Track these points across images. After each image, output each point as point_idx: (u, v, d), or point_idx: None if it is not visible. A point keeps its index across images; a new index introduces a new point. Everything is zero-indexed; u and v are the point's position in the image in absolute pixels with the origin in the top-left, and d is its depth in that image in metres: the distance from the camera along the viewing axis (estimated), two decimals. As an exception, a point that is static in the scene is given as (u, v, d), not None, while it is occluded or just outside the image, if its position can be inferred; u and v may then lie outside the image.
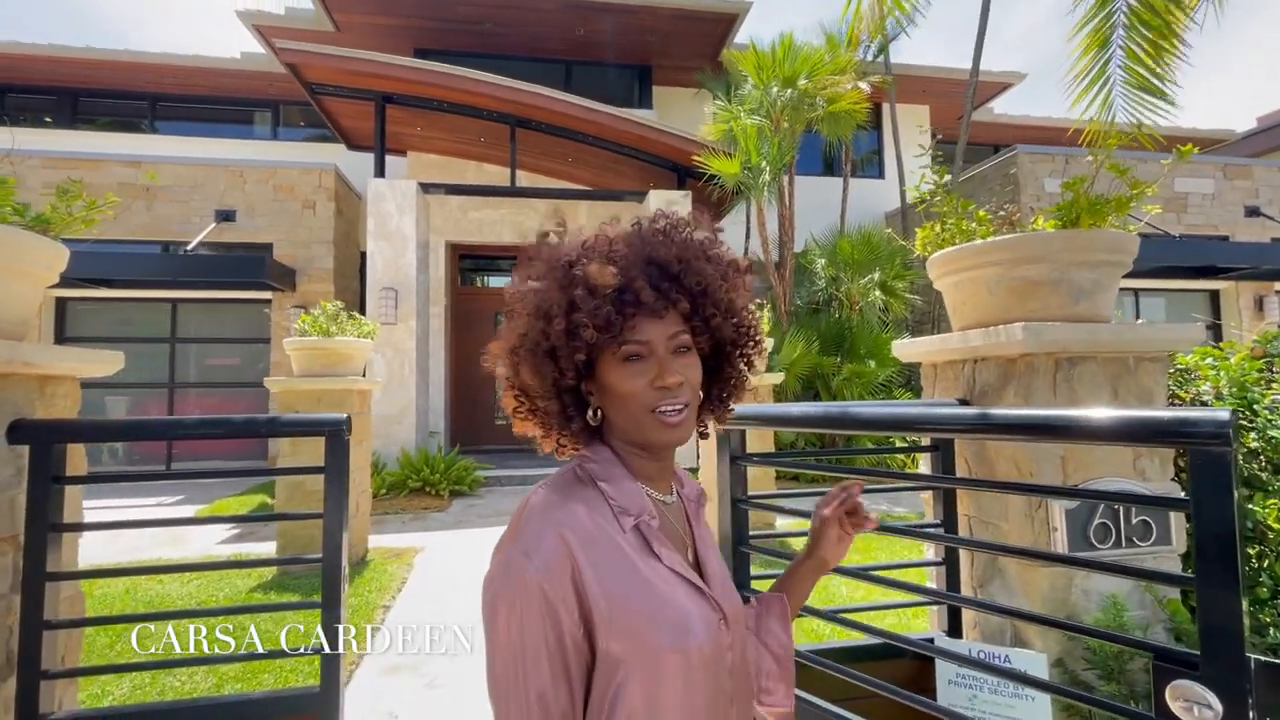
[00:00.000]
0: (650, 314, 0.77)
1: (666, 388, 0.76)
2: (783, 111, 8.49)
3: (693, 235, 0.83)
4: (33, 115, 12.17)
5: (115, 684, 2.61)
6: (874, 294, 9.21)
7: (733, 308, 0.83)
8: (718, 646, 0.75)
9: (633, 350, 0.77)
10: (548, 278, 0.80)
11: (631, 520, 0.75)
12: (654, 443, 0.79)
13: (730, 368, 0.88)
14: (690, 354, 0.80)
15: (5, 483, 1.64)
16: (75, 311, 9.29)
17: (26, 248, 1.67)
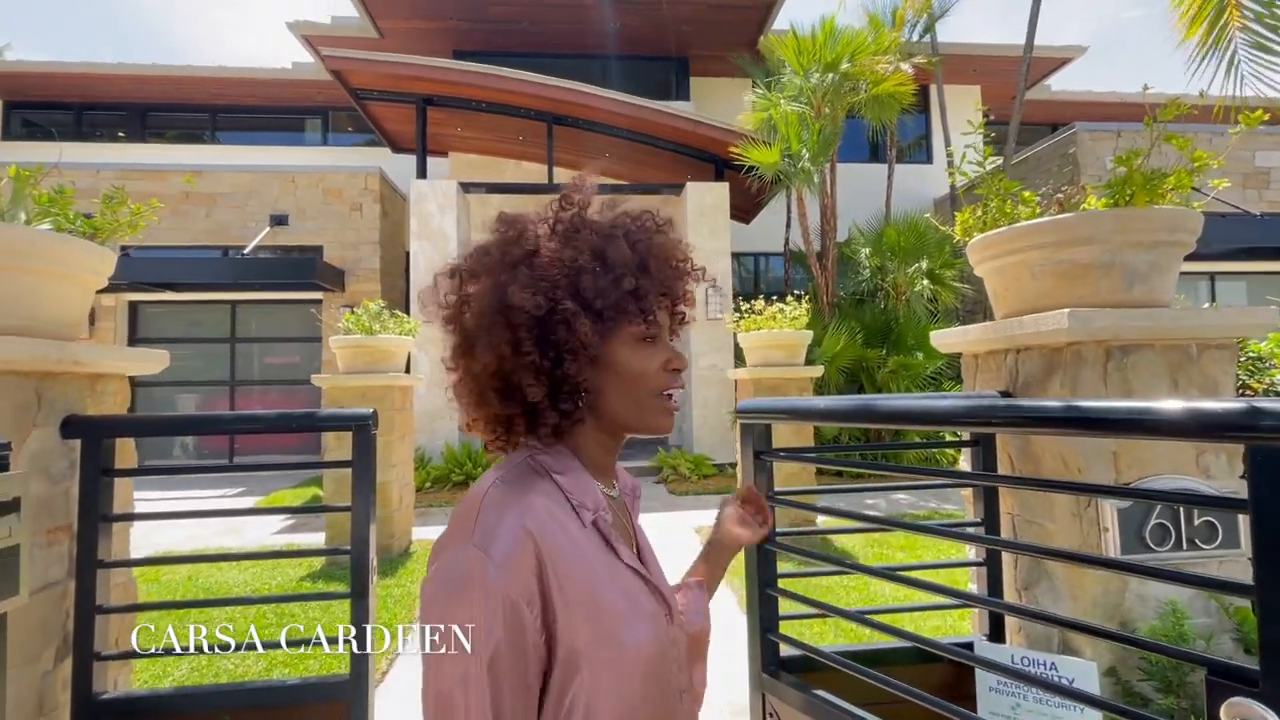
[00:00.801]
0: (680, 300, 0.81)
1: (678, 370, 0.77)
2: (824, 97, 8.26)
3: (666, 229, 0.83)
4: (109, 131, 12.98)
5: (174, 666, 2.76)
6: (921, 283, 8.89)
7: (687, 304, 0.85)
8: (668, 642, 0.73)
9: (649, 331, 0.75)
10: (556, 248, 0.73)
11: (590, 515, 0.71)
12: (651, 427, 0.76)
13: None
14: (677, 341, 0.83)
15: (59, 475, 1.74)
16: (146, 314, 9.87)
17: (76, 253, 1.76)
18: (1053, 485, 1.55)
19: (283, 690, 1.79)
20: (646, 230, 0.79)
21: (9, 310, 1.62)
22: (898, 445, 5.39)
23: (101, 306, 9.24)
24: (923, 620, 3.31)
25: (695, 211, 9.04)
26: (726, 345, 8.85)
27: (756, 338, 5.29)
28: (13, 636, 1.60)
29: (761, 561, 1.83)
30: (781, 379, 5.21)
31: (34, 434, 1.67)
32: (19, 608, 1.63)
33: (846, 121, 9.33)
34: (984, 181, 2.15)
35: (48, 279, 1.71)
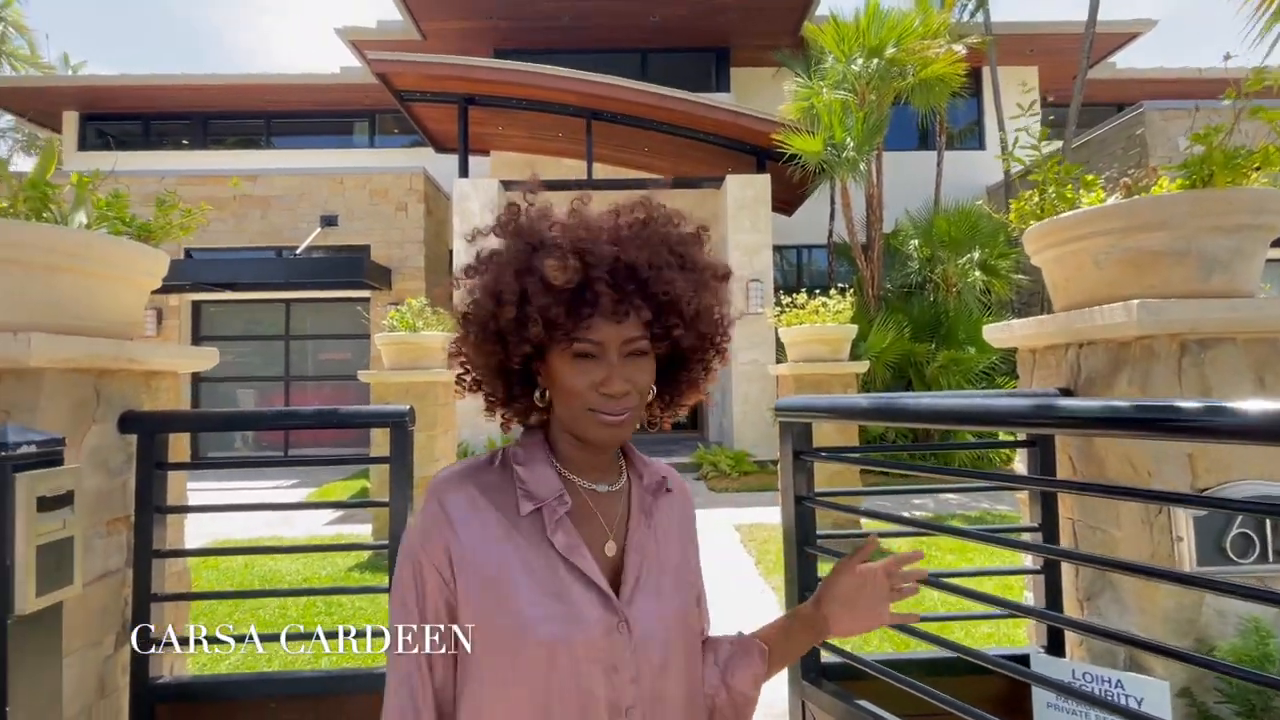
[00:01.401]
0: (609, 316, 0.73)
1: (610, 395, 0.73)
2: (868, 84, 8.00)
3: (672, 234, 0.79)
4: (174, 139, 13.67)
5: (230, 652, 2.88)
6: (974, 275, 8.53)
7: (700, 317, 0.79)
8: (600, 647, 0.71)
9: (584, 349, 0.74)
10: (505, 258, 0.77)
11: (531, 505, 0.74)
12: (589, 440, 0.77)
13: (686, 373, 0.85)
14: (645, 358, 0.77)
15: (117, 468, 1.82)
16: (207, 313, 10.36)
17: (130, 255, 1.83)
18: (1119, 492, 1.44)
19: (325, 680, 1.83)
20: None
21: (68, 310, 1.69)
22: (948, 445, 5.19)
23: (168, 306, 9.74)
24: (974, 627, 3.17)
25: (735, 204, 8.91)
26: (768, 340, 8.70)
27: (798, 332, 5.17)
28: (76, 622, 1.68)
29: (802, 565, 1.77)
30: (825, 375, 5.07)
31: (93, 429, 1.74)
32: (83, 595, 1.72)
33: (893, 108, 9.02)
34: (1042, 166, 2.02)
35: (104, 280, 1.78)
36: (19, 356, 1.50)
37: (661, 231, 0.78)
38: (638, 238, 0.76)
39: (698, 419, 11.36)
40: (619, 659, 0.72)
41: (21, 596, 1.10)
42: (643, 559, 0.78)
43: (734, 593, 4.05)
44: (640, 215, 0.79)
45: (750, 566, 4.61)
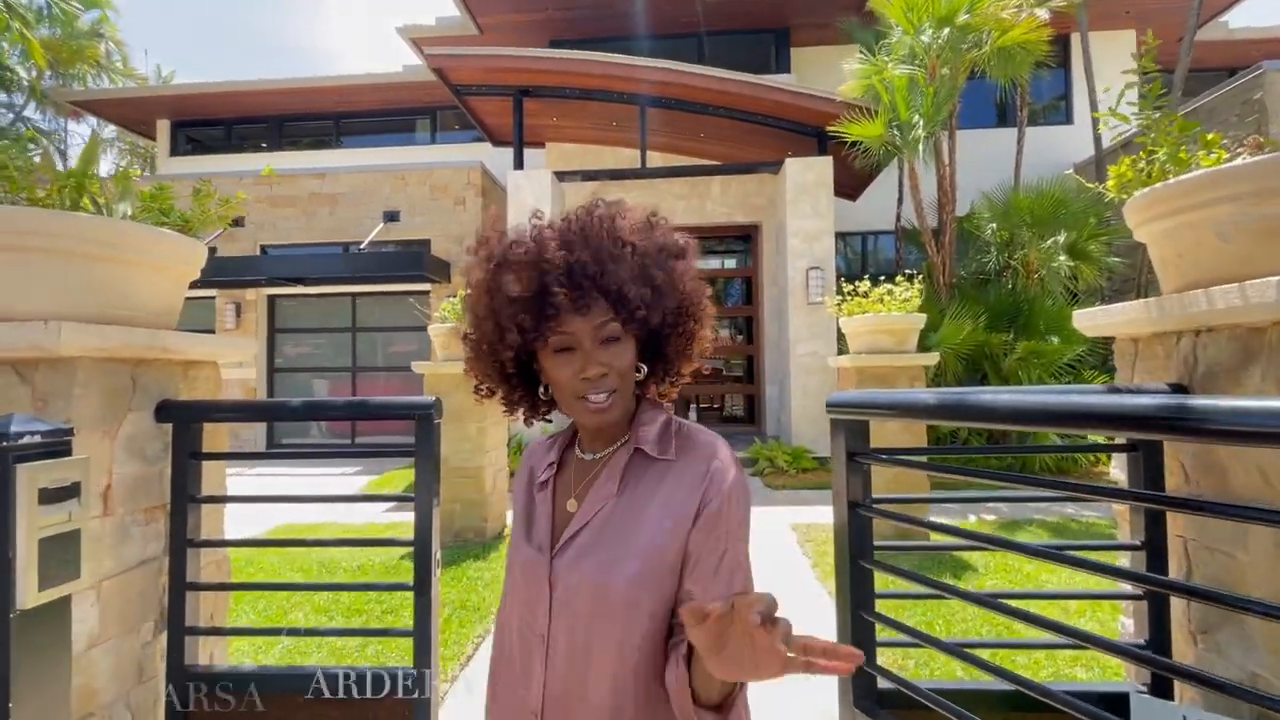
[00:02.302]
0: (574, 311, 0.83)
1: (588, 379, 0.84)
2: (938, 56, 7.46)
3: (617, 225, 0.87)
4: (253, 142, 14.44)
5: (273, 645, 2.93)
6: (1059, 259, 7.85)
7: (661, 294, 0.87)
8: (530, 579, 0.88)
9: (561, 343, 0.85)
10: (478, 280, 0.90)
11: (529, 465, 1.01)
12: (582, 425, 0.92)
13: (669, 347, 0.94)
14: (619, 342, 0.86)
15: (154, 457, 1.83)
16: (282, 307, 10.89)
17: (165, 244, 1.83)
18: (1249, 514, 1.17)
19: (353, 678, 1.78)
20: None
21: (103, 299, 1.69)
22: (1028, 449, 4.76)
23: (245, 300, 10.30)
24: (1057, 652, 2.85)
25: (795, 189, 8.55)
26: (828, 331, 8.33)
27: (861, 322, 4.86)
28: (114, 608, 1.70)
29: (855, 580, 1.58)
30: (890, 368, 4.75)
31: (129, 417, 1.75)
32: (120, 581, 1.74)
33: (968, 82, 8.41)
34: (1154, 125, 1.73)
35: (141, 269, 1.78)
36: (50, 345, 1.51)
37: (606, 227, 0.87)
38: (583, 238, 0.85)
39: (754, 412, 11.07)
40: (537, 594, 0.86)
41: (23, 591, 1.07)
42: (590, 517, 0.87)
43: (788, 596, 3.83)
44: (584, 217, 0.88)
45: (807, 569, 4.39)
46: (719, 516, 0.82)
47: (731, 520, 0.83)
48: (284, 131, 14.26)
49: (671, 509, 0.84)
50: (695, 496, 0.83)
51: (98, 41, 16.29)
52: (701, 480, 0.84)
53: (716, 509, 0.83)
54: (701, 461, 0.86)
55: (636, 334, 0.88)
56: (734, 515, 0.84)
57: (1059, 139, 11.11)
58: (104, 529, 1.67)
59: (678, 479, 0.86)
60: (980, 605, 1.26)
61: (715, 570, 0.81)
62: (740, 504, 0.85)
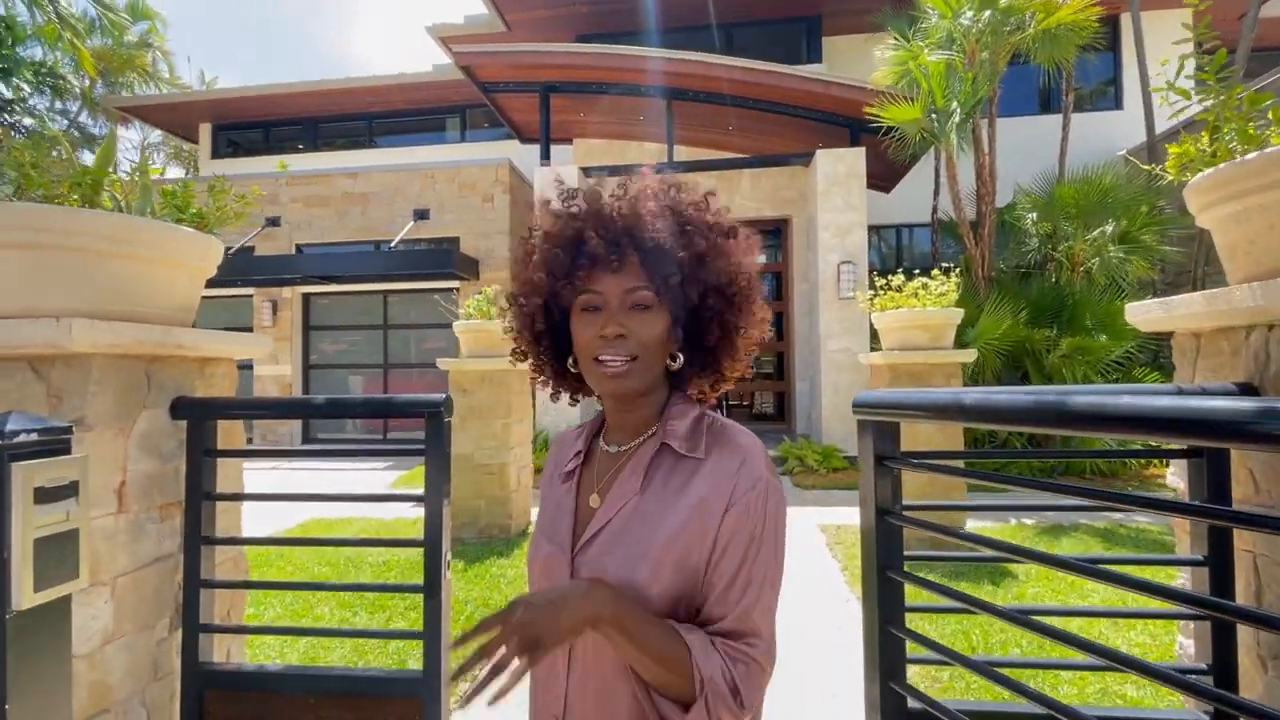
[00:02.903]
0: (605, 266, 0.81)
1: (604, 337, 0.80)
2: (978, 40, 7.16)
3: (669, 193, 0.86)
4: (291, 144, 14.77)
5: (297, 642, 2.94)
6: (1108, 250, 7.48)
7: (701, 266, 0.83)
8: (549, 577, 0.85)
9: (588, 300, 0.82)
10: (532, 226, 0.90)
11: (556, 459, 0.98)
12: (599, 390, 0.85)
13: (709, 335, 0.87)
14: (649, 312, 0.82)
15: (170, 454, 1.82)
16: (316, 305, 11.12)
17: (180, 241, 1.82)
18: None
19: (363, 681, 1.75)
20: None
21: (118, 296, 1.69)
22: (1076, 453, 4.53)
23: (281, 298, 10.54)
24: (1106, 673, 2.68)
25: (826, 181, 8.33)
26: (861, 326, 8.11)
27: (894, 317, 4.68)
28: (128, 605, 1.70)
29: (883, 591, 1.48)
30: (925, 365, 4.57)
31: (143, 414, 1.74)
32: (135, 579, 1.74)
33: (1008, 68, 8.06)
34: (1219, 100, 1.57)
35: (154, 266, 1.78)
36: (62, 341, 1.50)
37: (656, 191, 0.86)
38: (633, 199, 0.84)
39: (784, 410, 10.88)
40: (558, 577, 0.84)
41: (18, 592, 1.04)
42: (613, 514, 0.83)
43: (816, 601, 3.73)
44: (639, 181, 0.88)
45: (836, 572, 4.25)
46: (743, 523, 0.78)
47: (755, 528, 0.78)
48: (319, 133, 14.55)
49: (697, 509, 0.78)
50: (724, 497, 0.78)
51: (146, 51, 16.90)
52: (730, 481, 0.79)
53: (742, 513, 0.78)
54: (732, 461, 0.80)
55: (672, 311, 0.83)
56: (759, 524, 0.78)
57: (1107, 125, 10.60)
58: (118, 526, 1.67)
59: (705, 478, 0.80)
60: (1015, 624, 1.15)
61: (729, 583, 0.77)
62: (766, 512, 0.79)
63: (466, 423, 4.96)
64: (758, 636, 0.76)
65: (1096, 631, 3.10)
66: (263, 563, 4.25)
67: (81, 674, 1.57)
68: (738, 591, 0.76)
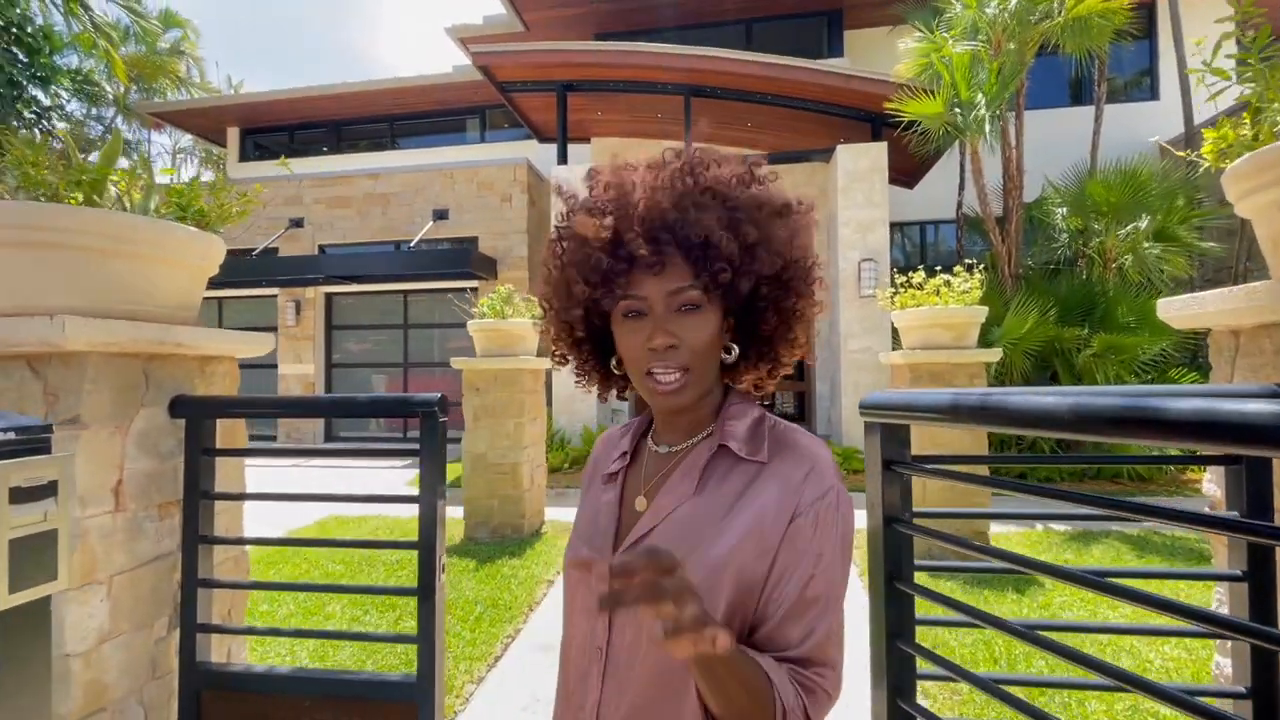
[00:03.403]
0: (646, 269, 0.73)
1: (654, 349, 0.73)
2: (1004, 30, 6.95)
3: (708, 176, 0.76)
4: (315, 146, 15.02)
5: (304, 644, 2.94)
6: (1142, 246, 7.20)
7: (752, 256, 0.74)
8: (590, 584, 0.79)
9: (630, 306, 0.75)
10: (557, 229, 0.82)
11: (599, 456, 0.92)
12: (653, 405, 0.79)
13: (765, 325, 0.79)
14: (699, 312, 0.74)
15: (169, 453, 1.82)
16: (338, 304, 11.27)
17: (179, 239, 1.81)
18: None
19: (358, 684, 1.73)
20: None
21: (117, 294, 1.69)
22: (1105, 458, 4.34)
23: (305, 298, 10.71)
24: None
25: (847, 177, 8.18)
26: (882, 326, 7.94)
27: (914, 316, 4.55)
28: (125, 604, 1.69)
29: (891, 604, 1.40)
30: (946, 364, 4.44)
31: (141, 413, 1.74)
32: (132, 577, 1.74)
33: (1037, 59, 7.82)
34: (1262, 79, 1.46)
35: (152, 264, 1.77)
36: (55, 339, 1.50)
37: (695, 175, 0.75)
38: (668, 186, 0.74)
39: (804, 410, 10.72)
40: (596, 585, 0.78)
41: (-8, 593, 1.02)
42: (661, 518, 0.77)
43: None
44: (672, 161, 0.78)
45: (854, 577, 4.14)
46: (811, 536, 0.71)
47: (824, 539, 0.71)
48: (342, 135, 14.76)
49: (759, 518, 0.72)
50: (788, 506, 0.71)
51: (177, 58, 17.34)
52: (797, 488, 0.72)
53: (810, 524, 0.71)
54: (798, 466, 0.73)
55: (724, 306, 0.76)
56: (829, 537, 0.71)
57: (1142, 116, 10.25)
58: (115, 524, 1.66)
59: (768, 484, 0.73)
60: (1022, 639, 1.07)
61: (797, 603, 0.70)
62: (837, 520, 0.72)
63: (480, 422, 4.96)
64: (829, 667, 0.70)
65: (1128, 644, 2.95)
66: (279, 561, 4.30)
67: (77, 672, 1.57)
68: (812, 615, 0.70)
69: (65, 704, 1.55)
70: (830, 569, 0.70)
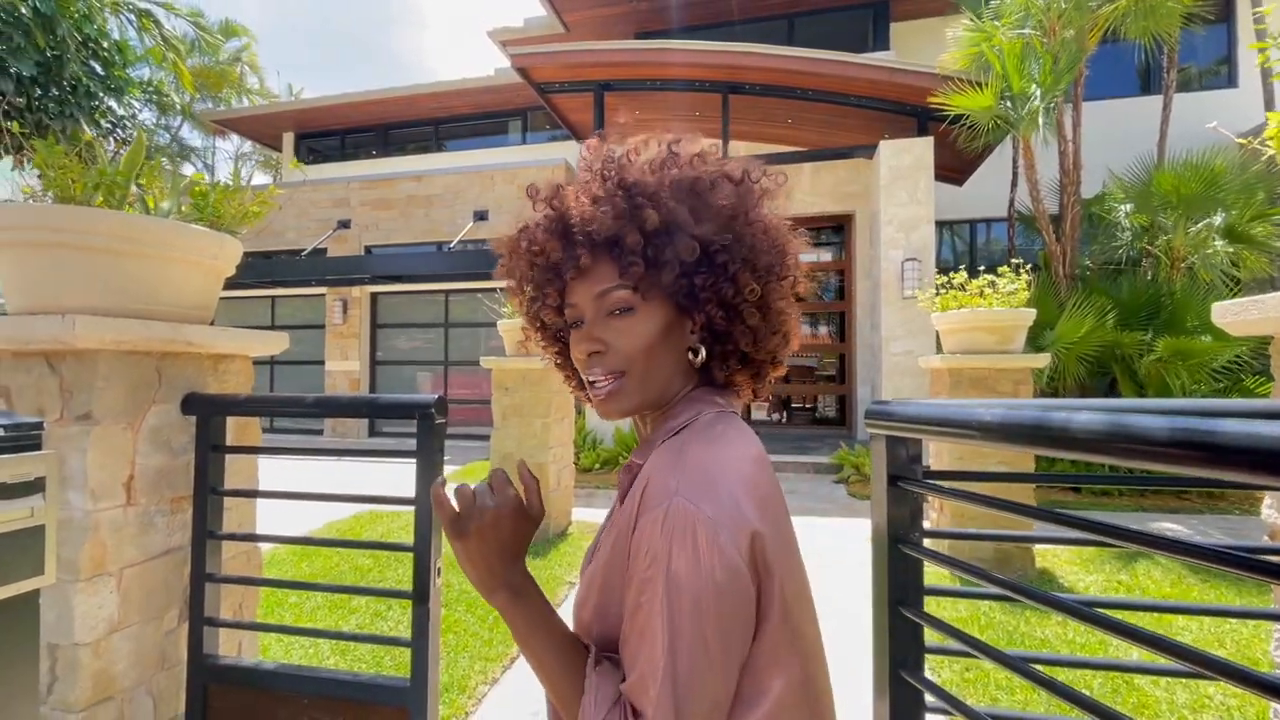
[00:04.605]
0: (576, 273, 0.71)
1: (579, 358, 0.73)
2: (1059, 16, 6.57)
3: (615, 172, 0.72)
4: (365, 150, 15.51)
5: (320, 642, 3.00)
6: (1214, 244, 6.70)
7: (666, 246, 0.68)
8: None
9: (569, 315, 0.74)
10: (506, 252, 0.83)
11: None
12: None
13: (713, 319, 0.71)
14: (632, 314, 0.70)
15: (181, 449, 1.85)
16: (383, 303, 11.59)
17: (189, 239, 1.84)
18: None
19: (353, 685, 1.72)
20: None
21: (131, 294, 1.73)
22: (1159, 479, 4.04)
23: (351, 297, 11.05)
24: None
25: (890, 174, 7.90)
26: (926, 328, 7.64)
27: (956, 318, 4.34)
28: (135, 596, 1.73)
29: (895, 630, 1.29)
30: (989, 370, 4.21)
31: (153, 409, 1.78)
32: (142, 570, 1.78)
33: (1099, 46, 7.37)
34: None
35: (164, 264, 1.81)
36: (66, 338, 1.54)
37: (610, 169, 0.73)
38: (586, 187, 0.73)
39: (845, 414, 10.43)
40: None
41: (-25, 587, 1.04)
42: (597, 538, 0.75)
43: (862, 624, 3.47)
44: (597, 165, 0.75)
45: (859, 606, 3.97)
46: (637, 554, 0.60)
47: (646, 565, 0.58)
48: (389, 139, 15.19)
49: (613, 531, 0.68)
50: (629, 518, 0.64)
51: (236, 65, 18.19)
52: (636, 499, 0.63)
53: (637, 541, 0.61)
54: (649, 474, 0.63)
55: (673, 303, 0.71)
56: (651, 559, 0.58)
57: (1218, 106, 9.55)
58: (126, 518, 1.71)
59: (632, 495, 0.66)
60: (1028, 679, 0.95)
61: (627, 620, 0.60)
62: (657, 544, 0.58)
63: (508, 421, 4.98)
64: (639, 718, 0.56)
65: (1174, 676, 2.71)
66: (311, 556, 4.41)
67: (86, 662, 1.61)
68: (632, 646, 0.58)
69: (73, 692, 1.59)
70: (654, 603, 0.56)
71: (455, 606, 3.60)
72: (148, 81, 15.46)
